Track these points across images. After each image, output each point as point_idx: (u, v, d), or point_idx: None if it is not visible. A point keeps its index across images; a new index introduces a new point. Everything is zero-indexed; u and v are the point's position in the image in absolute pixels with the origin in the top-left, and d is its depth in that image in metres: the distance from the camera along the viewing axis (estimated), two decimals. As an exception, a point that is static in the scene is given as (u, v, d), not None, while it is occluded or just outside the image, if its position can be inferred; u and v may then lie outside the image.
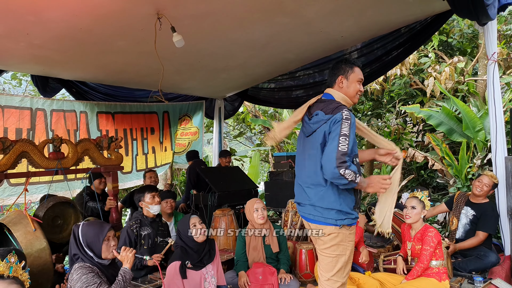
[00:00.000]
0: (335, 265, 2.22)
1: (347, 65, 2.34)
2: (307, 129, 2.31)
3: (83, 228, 2.33)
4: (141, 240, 3.25)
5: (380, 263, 3.56)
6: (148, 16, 3.18)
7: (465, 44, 7.09)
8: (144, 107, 6.26)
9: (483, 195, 3.71)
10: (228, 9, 3.29)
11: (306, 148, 2.31)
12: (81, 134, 5.37)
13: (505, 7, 3.87)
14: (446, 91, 6.00)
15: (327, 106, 2.24)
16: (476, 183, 3.75)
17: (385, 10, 3.74)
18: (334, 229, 2.19)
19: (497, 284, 3.21)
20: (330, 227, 2.19)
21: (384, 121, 7.52)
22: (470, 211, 3.75)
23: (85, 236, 2.29)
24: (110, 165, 3.73)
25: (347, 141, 2.09)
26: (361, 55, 4.95)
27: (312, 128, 2.25)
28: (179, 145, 6.89)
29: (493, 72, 3.73)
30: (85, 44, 3.79)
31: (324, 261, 2.26)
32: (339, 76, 2.32)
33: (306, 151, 2.31)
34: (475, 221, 3.71)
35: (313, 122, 2.25)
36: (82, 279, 2.15)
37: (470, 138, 5.58)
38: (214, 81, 5.76)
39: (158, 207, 3.47)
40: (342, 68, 2.33)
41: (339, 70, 2.34)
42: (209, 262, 2.82)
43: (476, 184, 3.74)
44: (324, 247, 2.24)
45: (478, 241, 3.60)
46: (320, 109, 2.24)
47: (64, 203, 3.57)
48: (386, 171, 6.75)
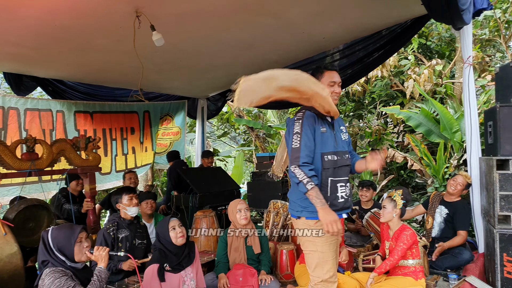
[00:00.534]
0: (312, 262, 2.33)
1: (317, 72, 2.44)
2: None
3: (52, 232, 2.27)
4: (119, 243, 3.19)
5: (360, 263, 3.59)
6: (127, 14, 3.13)
7: (443, 48, 7.25)
8: (124, 107, 6.15)
9: (456, 193, 3.83)
10: (211, 9, 3.27)
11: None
12: (57, 134, 5.24)
13: (480, 12, 3.96)
14: (425, 93, 6.12)
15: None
16: (451, 181, 3.88)
17: (366, 13, 3.78)
18: (296, 221, 2.36)
19: (471, 281, 3.28)
20: (293, 219, 2.40)
21: (365, 122, 7.62)
22: (444, 210, 3.85)
23: (55, 240, 2.23)
24: (87, 166, 3.66)
25: (299, 138, 2.26)
26: (343, 57, 5.00)
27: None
28: (161, 145, 6.81)
29: (469, 75, 3.80)
30: (62, 42, 3.70)
31: (305, 257, 2.40)
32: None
33: None
34: (449, 219, 3.81)
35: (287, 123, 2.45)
36: (55, 283, 2.09)
37: (447, 139, 5.71)
38: (197, 81, 5.72)
39: (136, 209, 3.41)
40: (314, 76, 2.37)
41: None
42: (189, 265, 2.79)
43: (451, 183, 3.87)
44: (300, 243, 2.40)
45: (462, 239, 3.70)
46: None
47: (36, 206, 3.47)
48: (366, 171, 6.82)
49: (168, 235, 2.74)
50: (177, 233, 2.74)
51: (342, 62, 5.07)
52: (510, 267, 3.19)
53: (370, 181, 4.65)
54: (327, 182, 2.29)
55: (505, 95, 3.48)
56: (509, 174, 3.19)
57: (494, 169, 3.22)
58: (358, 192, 4.58)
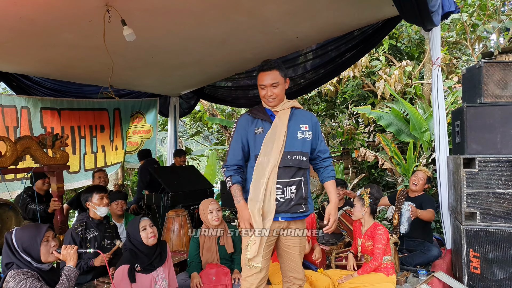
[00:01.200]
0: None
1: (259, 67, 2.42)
2: None
3: (17, 233, 2.18)
4: (87, 243, 3.09)
5: (332, 260, 3.65)
6: (96, 8, 3.03)
7: (413, 49, 7.46)
8: (93, 104, 5.97)
9: (419, 189, 3.99)
10: (182, 5, 3.21)
11: None
12: (22, 131, 5.02)
13: (448, 15, 4.08)
14: (395, 93, 6.27)
15: None
16: (412, 178, 4.05)
17: (339, 13, 3.83)
18: None
19: (439, 276, 3.38)
20: None
21: (337, 121, 7.73)
22: (410, 204, 3.95)
23: (20, 240, 2.13)
24: (54, 165, 3.51)
25: (230, 142, 2.42)
26: (316, 56, 5.05)
27: None
28: (131, 144, 6.66)
29: (437, 76, 3.90)
30: (27, 36, 3.54)
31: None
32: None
33: None
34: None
35: None
36: (21, 285, 1.99)
37: (417, 139, 5.88)
38: (169, 78, 5.63)
39: (106, 209, 3.32)
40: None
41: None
42: (160, 265, 2.73)
43: (412, 179, 4.04)
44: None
45: (432, 214, 3.80)
46: None
47: (2, 205, 3.31)
48: (338, 169, 6.93)
49: (138, 235, 2.67)
50: (148, 233, 2.68)
51: (315, 62, 5.12)
52: (476, 263, 3.30)
53: (342, 180, 4.72)
54: (259, 183, 2.26)
55: (472, 95, 3.60)
56: (475, 172, 3.30)
57: (461, 167, 3.32)
58: None
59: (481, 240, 3.27)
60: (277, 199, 2.29)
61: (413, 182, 4.00)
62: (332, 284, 3.15)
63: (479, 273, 3.27)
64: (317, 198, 7.09)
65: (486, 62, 3.46)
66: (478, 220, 3.29)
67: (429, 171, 4.01)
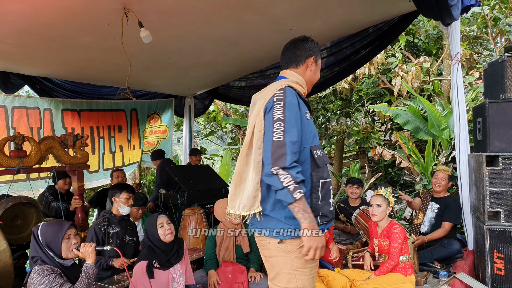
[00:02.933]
0: None
1: (317, 46, 1.98)
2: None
3: (42, 228, 2.27)
4: (109, 239, 3.18)
5: (349, 260, 3.61)
6: (115, 11, 3.11)
7: (430, 45, 7.33)
8: (111, 105, 6.12)
9: (443, 189, 3.90)
10: (196, 5, 3.26)
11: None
12: (45, 132, 5.22)
13: (468, 9, 4.00)
14: (413, 91, 6.18)
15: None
16: (434, 180, 3.95)
17: (352, 10, 3.80)
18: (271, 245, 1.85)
19: (461, 278, 3.31)
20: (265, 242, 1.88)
21: (352, 120, 7.67)
22: (435, 205, 3.89)
23: (44, 235, 2.22)
24: (75, 164, 3.62)
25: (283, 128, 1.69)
26: (330, 54, 5.03)
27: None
28: (148, 144, 6.79)
29: (457, 72, 3.83)
30: (48, 39, 3.66)
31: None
32: (312, 56, 1.95)
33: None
34: (440, 214, 3.84)
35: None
36: (44, 281, 2.07)
37: (436, 136, 5.77)
38: (183, 79, 5.70)
39: (129, 209, 3.43)
40: (315, 49, 1.95)
41: (311, 49, 1.95)
42: (177, 262, 2.78)
43: (434, 182, 3.93)
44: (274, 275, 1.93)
45: (444, 232, 3.72)
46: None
47: (24, 203, 3.44)
48: (354, 168, 6.88)
49: (156, 232, 2.73)
50: (165, 230, 2.74)
51: (330, 59, 5.10)
52: (500, 264, 3.23)
53: (358, 179, 4.69)
54: (318, 185, 1.79)
55: (494, 91, 3.52)
56: (499, 170, 3.23)
57: (483, 165, 3.26)
58: (347, 189, 4.59)
59: (506, 240, 3.20)
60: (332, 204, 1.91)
61: (435, 184, 3.90)
62: (349, 284, 3.12)
63: (504, 275, 3.21)
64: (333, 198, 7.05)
65: (509, 56, 3.37)
66: (502, 220, 3.22)
67: (449, 169, 3.91)
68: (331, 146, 8.54)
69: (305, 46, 1.94)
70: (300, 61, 1.93)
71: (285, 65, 1.98)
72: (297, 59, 1.94)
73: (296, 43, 1.96)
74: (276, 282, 1.81)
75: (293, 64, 1.95)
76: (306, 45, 1.95)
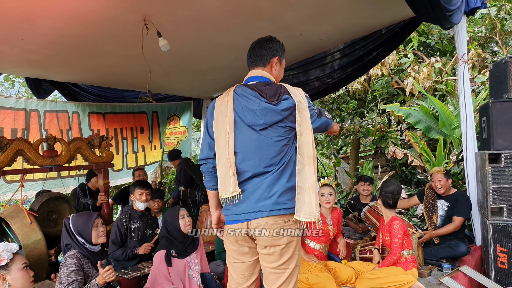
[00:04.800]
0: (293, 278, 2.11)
1: (282, 46, 2.12)
2: (272, 118, 1.95)
3: (73, 218, 2.58)
4: (131, 233, 3.45)
5: (357, 253, 3.69)
6: (136, 22, 3.38)
7: (445, 45, 7.33)
8: (133, 107, 6.44)
9: (445, 188, 3.85)
10: (209, 15, 3.49)
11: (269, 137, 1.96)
12: (73, 133, 5.57)
13: (475, 11, 4.08)
14: (424, 90, 6.24)
15: (282, 89, 1.98)
16: (433, 184, 3.91)
17: (359, 15, 3.93)
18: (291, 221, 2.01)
19: (464, 271, 3.38)
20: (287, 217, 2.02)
21: (366, 119, 7.75)
22: (445, 203, 3.90)
23: (75, 225, 2.53)
24: (101, 163, 3.91)
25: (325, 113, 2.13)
26: (343, 55, 5.13)
27: (282, 115, 1.94)
28: (168, 144, 7.08)
29: (463, 72, 3.91)
30: (76, 49, 3.98)
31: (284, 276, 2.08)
32: (276, 56, 2.08)
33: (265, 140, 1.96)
34: (451, 210, 3.84)
35: (283, 108, 1.94)
36: (65, 272, 2.35)
37: (447, 135, 5.82)
38: (200, 82, 5.95)
39: (144, 204, 3.63)
40: (279, 48, 2.10)
41: (275, 50, 2.08)
42: (193, 251, 3.02)
43: (434, 185, 3.90)
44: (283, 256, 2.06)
45: (454, 227, 3.70)
46: (285, 93, 1.97)
47: (58, 198, 3.77)
48: (368, 167, 6.98)
49: (177, 223, 2.97)
50: (186, 221, 2.99)
51: (343, 61, 5.18)
52: (503, 258, 3.31)
53: (369, 177, 4.83)
54: None
55: (498, 91, 3.60)
56: (501, 167, 3.33)
57: (487, 163, 3.36)
58: (359, 186, 4.71)
59: (509, 235, 3.28)
60: None
61: (436, 186, 3.88)
62: (354, 275, 3.22)
63: (507, 268, 3.29)
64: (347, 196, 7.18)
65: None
66: (505, 216, 3.31)
67: (441, 168, 3.89)
68: (348, 146, 8.62)
69: (269, 46, 2.08)
70: (266, 60, 2.08)
71: (252, 64, 2.12)
72: (263, 58, 2.08)
73: (262, 43, 2.10)
74: (286, 265, 1.98)
75: (260, 64, 2.09)
76: (271, 45, 2.08)
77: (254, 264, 2.07)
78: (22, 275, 2.03)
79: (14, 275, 2.00)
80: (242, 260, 2.05)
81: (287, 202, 1.92)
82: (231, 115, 1.96)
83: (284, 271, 1.97)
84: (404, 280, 2.99)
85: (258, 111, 1.93)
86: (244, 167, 1.95)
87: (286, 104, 1.93)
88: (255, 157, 1.94)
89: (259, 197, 1.92)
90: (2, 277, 1.97)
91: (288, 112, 1.94)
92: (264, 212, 1.91)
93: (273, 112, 1.92)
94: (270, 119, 1.93)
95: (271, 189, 1.92)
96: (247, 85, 2.04)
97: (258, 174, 1.94)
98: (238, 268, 2.06)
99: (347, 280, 3.17)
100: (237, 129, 1.97)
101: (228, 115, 1.96)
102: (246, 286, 2.06)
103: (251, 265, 2.06)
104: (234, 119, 1.97)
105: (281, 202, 1.91)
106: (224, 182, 1.95)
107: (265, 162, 1.93)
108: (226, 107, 1.98)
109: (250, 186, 1.95)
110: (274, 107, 1.92)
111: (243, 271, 2.06)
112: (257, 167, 1.93)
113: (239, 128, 1.97)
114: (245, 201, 1.94)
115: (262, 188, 1.92)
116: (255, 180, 1.94)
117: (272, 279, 1.98)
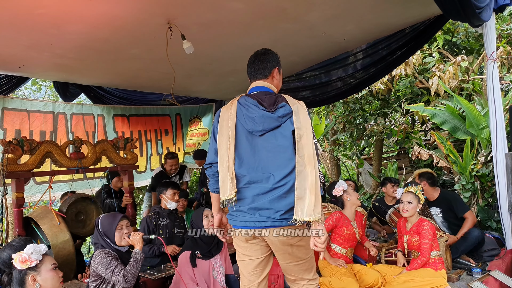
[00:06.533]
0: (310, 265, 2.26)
1: (278, 57, 2.27)
2: (270, 124, 2.06)
3: (101, 219, 2.67)
4: (159, 230, 3.53)
5: (382, 256, 3.68)
6: (160, 26, 3.43)
7: (472, 43, 7.13)
8: (157, 110, 6.54)
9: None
10: (233, 17, 3.51)
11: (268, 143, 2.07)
12: (99, 135, 5.68)
13: (503, 8, 3.97)
14: (450, 90, 6.09)
15: (280, 99, 2.11)
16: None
17: (384, 14, 3.89)
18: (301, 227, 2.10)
19: (495, 275, 3.32)
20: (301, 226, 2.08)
21: (389, 120, 7.63)
22: (437, 210, 3.87)
23: (102, 225, 2.62)
24: (126, 164, 3.99)
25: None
26: (366, 56, 5.08)
27: (279, 121, 2.07)
28: (189, 146, 7.16)
29: (492, 71, 3.81)
30: (102, 53, 4.07)
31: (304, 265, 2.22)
32: (276, 67, 2.24)
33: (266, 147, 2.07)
34: (446, 213, 3.84)
35: (279, 115, 2.07)
36: (103, 262, 2.45)
37: (474, 136, 5.66)
38: (222, 84, 5.99)
39: (175, 204, 3.80)
40: (277, 59, 2.24)
41: (273, 61, 2.23)
42: (217, 253, 3.05)
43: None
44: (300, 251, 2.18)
45: (471, 222, 3.72)
46: (282, 101, 2.10)
47: (85, 199, 3.86)
48: (392, 169, 6.87)
49: (201, 223, 3.02)
50: (209, 221, 3.02)
51: (366, 61, 5.13)
52: (538, 263, 3.22)
53: (396, 178, 4.75)
54: None
55: (528, 89, 3.51)
56: (531, 168, 3.24)
57: (517, 164, 3.28)
58: (387, 188, 4.60)
59: (543, 239, 3.19)
60: None
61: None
62: (380, 279, 3.20)
63: (539, 273, 3.20)
64: (370, 198, 7.08)
65: (541, 56, 3.34)
66: (536, 218, 3.22)
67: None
68: (371, 146, 8.50)
69: (268, 59, 2.22)
70: (268, 72, 2.21)
71: (254, 77, 2.25)
72: (264, 70, 2.21)
73: (260, 57, 2.24)
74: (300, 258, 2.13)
75: (262, 76, 2.22)
76: (269, 57, 2.23)
77: (265, 259, 2.17)
78: (51, 275, 2.08)
79: (44, 276, 2.05)
80: (254, 256, 2.14)
81: (291, 217, 1.99)
82: (233, 123, 2.08)
83: (299, 263, 2.12)
84: (437, 282, 2.95)
85: (257, 118, 2.06)
86: (243, 172, 2.05)
87: (283, 111, 2.06)
88: (253, 163, 2.05)
89: (261, 208, 2.02)
90: (33, 278, 2.02)
91: (286, 119, 2.06)
92: (267, 223, 2.02)
93: (271, 119, 2.05)
94: (268, 125, 2.06)
95: (276, 206, 2.01)
96: (250, 95, 2.19)
97: (257, 180, 2.04)
98: (250, 266, 2.16)
99: (373, 284, 3.14)
100: (239, 136, 2.09)
101: (231, 123, 2.09)
102: (258, 282, 2.16)
103: (261, 261, 2.16)
104: (236, 127, 2.09)
105: (284, 218, 2.01)
106: (224, 185, 2.05)
107: (264, 167, 2.04)
108: (229, 115, 2.11)
109: (249, 191, 2.04)
110: (271, 114, 2.05)
111: (254, 268, 2.15)
112: (255, 172, 2.04)
113: (241, 135, 2.09)
114: (247, 210, 2.04)
115: (265, 201, 2.01)
116: (253, 186, 2.04)
117: (293, 271, 2.15)
